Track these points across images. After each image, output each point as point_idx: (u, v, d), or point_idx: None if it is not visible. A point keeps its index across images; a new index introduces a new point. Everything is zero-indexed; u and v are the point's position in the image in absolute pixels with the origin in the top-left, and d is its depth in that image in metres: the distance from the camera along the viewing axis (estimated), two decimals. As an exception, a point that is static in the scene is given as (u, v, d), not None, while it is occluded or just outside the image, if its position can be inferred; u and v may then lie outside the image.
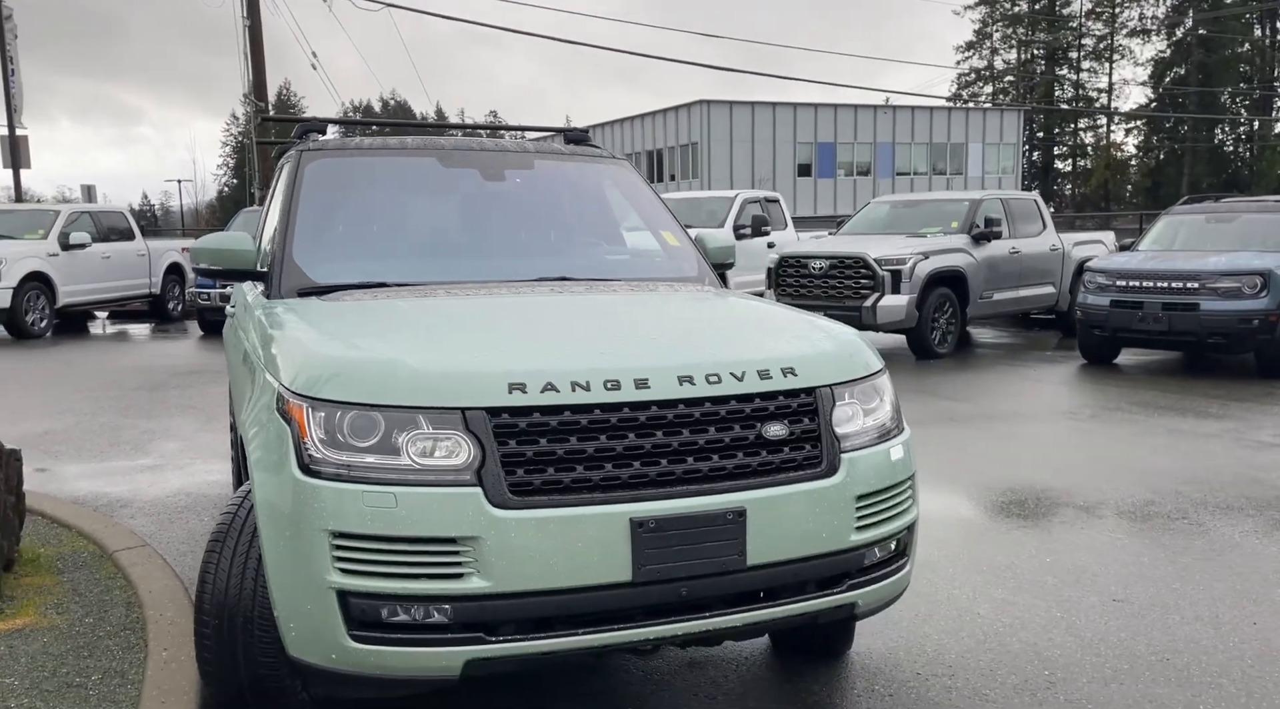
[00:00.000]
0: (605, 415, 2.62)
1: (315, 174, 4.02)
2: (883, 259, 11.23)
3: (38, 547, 4.45)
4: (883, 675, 3.47)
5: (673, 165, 49.40)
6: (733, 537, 2.64)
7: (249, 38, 20.21)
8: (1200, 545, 4.83)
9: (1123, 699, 3.28)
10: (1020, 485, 5.93)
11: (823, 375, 2.93)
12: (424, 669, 2.51)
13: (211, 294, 14.42)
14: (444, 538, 2.46)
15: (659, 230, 4.32)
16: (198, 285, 15.20)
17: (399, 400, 2.55)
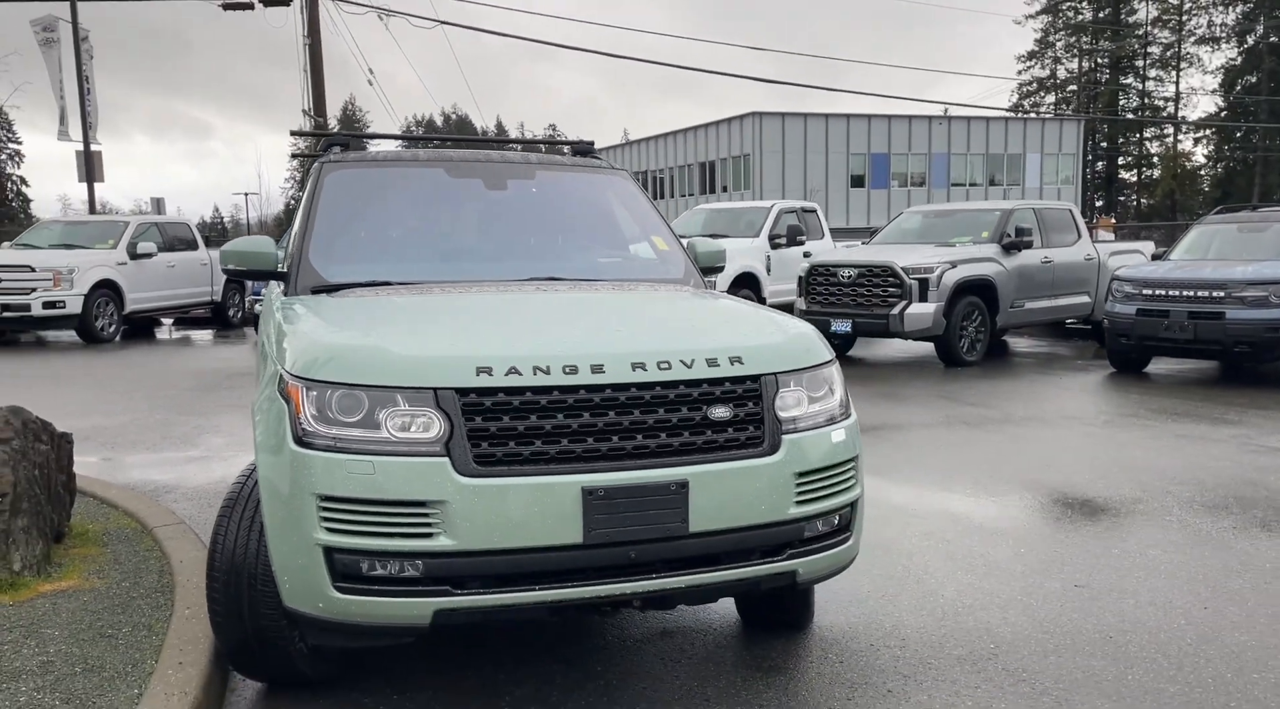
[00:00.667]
0: (563, 396, 2.94)
1: (333, 184, 4.42)
2: (910, 267, 11.42)
3: (87, 523, 4.90)
4: (838, 645, 3.74)
5: (724, 176, 49.68)
6: (676, 506, 2.95)
7: (309, 56, 20.96)
8: (1175, 539, 5.01)
9: (1056, 669, 3.51)
10: (1012, 483, 6.13)
11: (768, 364, 3.22)
12: (398, 617, 2.86)
13: None
14: (415, 501, 2.81)
15: (650, 236, 4.64)
16: (254, 293, 15.85)
17: (380, 381, 2.91)
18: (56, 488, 4.48)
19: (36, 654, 3.34)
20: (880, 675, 3.49)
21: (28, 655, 3.33)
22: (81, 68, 19.33)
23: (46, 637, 3.49)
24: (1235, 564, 4.63)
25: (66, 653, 3.35)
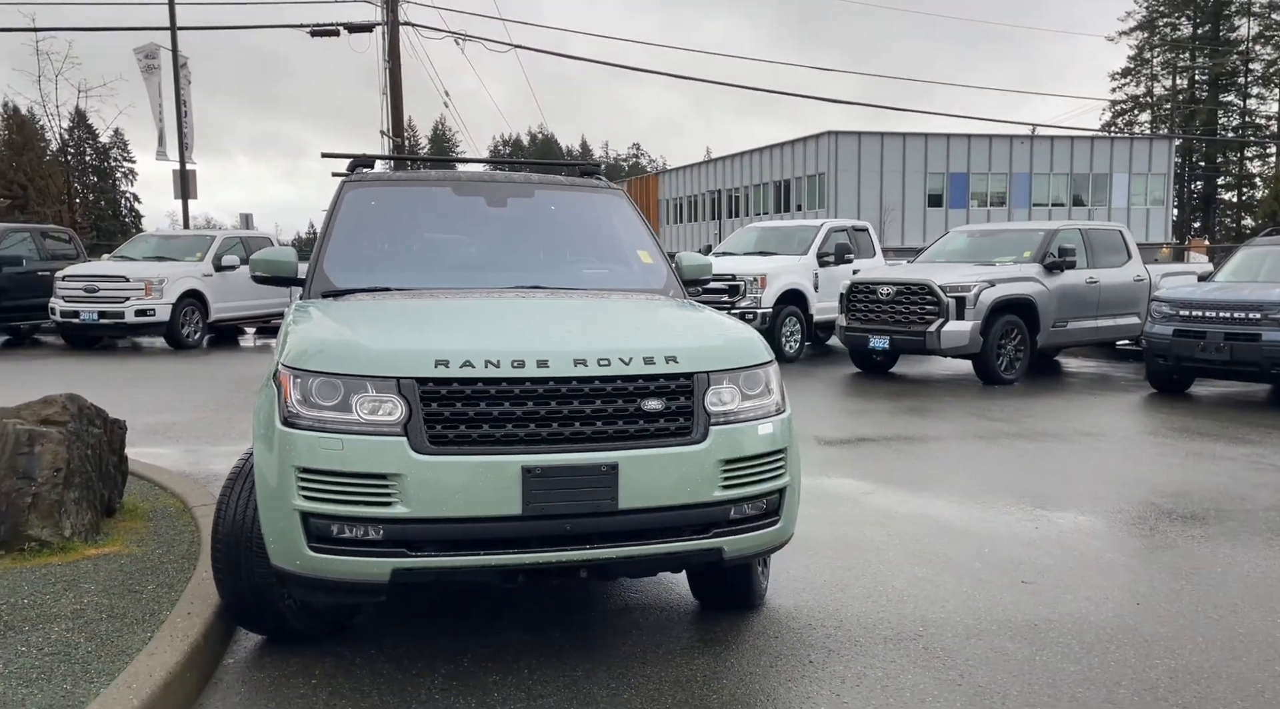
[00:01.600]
0: (510, 387, 3.39)
1: (351, 200, 4.95)
2: (948, 286, 11.61)
3: (138, 501, 5.50)
4: (779, 624, 4.10)
5: (799, 195, 49.77)
6: (606, 485, 3.36)
7: (389, 79, 21.93)
8: (1137, 545, 5.23)
9: (972, 650, 3.82)
10: (1000, 492, 6.37)
11: (701, 363, 3.62)
12: (362, 574, 3.32)
13: None
14: (376, 474, 3.27)
15: (637, 250, 5.07)
16: None
17: (354, 371, 3.38)
18: (108, 467, 5.08)
19: (72, 603, 3.89)
20: (807, 649, 3.84)
21: (64, 604, 3.88)
22: (180, 92, 20.60)
23: (83, 590, 4.05)
24: (1187, 569, 4.84)
25: (97, 603, 3.90)
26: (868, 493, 6.37)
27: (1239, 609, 4.28)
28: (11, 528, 4.49)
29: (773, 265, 14.17)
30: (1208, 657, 3.77)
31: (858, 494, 6.33)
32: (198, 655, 3.50)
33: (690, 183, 60.63)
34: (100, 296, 15.86)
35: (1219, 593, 4.49)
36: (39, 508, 4.53)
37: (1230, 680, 3.57)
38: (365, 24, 21.98)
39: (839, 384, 12.06)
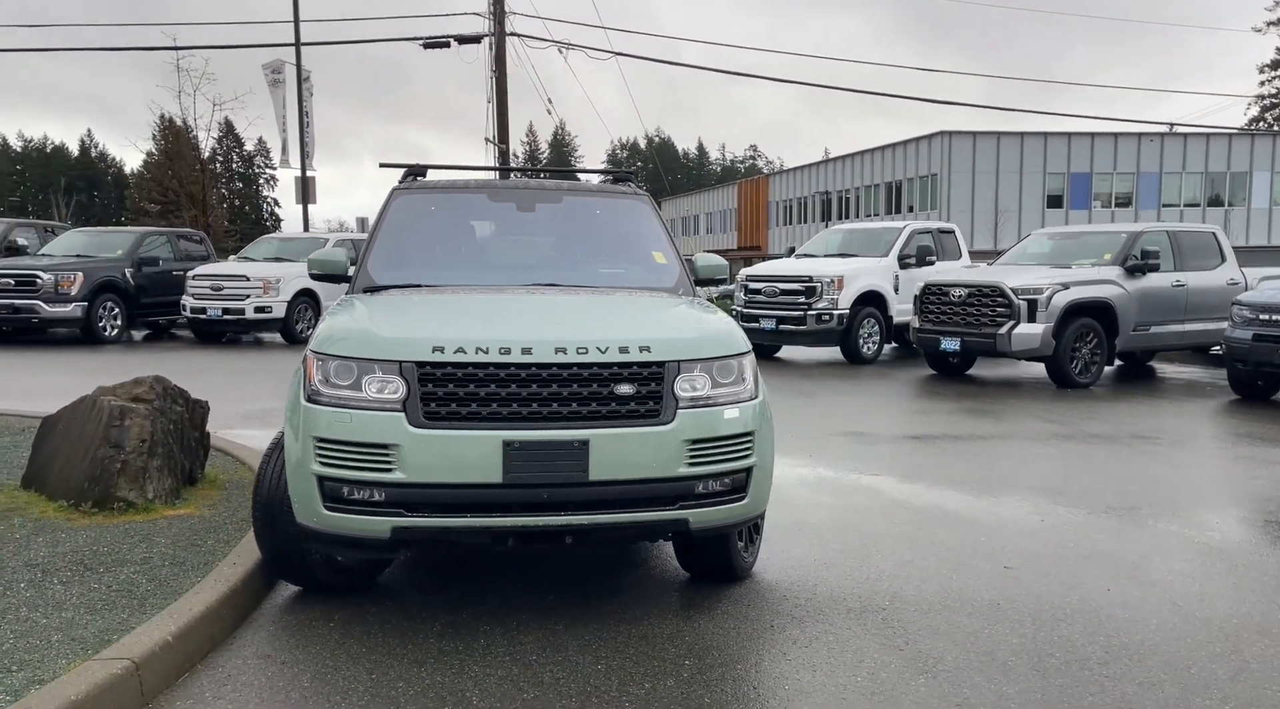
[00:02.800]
0: (496, 371, 3.86)
1: (398, 206, 5.53)
2: (1019, 288, 11.62)
3: (219, 473, 6.20)
4: (756, 595, 4.46)
5: (911, 197, 49.11)
6: (578, 459, 3.81)
7: (495, 88, 22.83)
8: (1135, 536, 5.39)
9: (927, 622, 4.12)
10: (1022, 488, 6.55)
11: (673, 353, 4.02)
12: (367, 531, 3.85)
13: None
14: (378, 444, 3.79)
15: (652, 251, 5.49)
16: None
17: (366, 355, 3.92)
18: (189, 441, 5.78)
19: (143, 553, 4.55)
20: (773, 616, 4.20)
21: (137, 553, 4.54)
22: (302, 104, 21.96)
23: (154, 542, 4.71)
24: (1178, 562, 4.99)
25: (163, 553, 4.55)
26: (891, 486, 6.63)
27: (1213, 597, 4.44)
28: (104, 489, 5.21)
29: (850, 267, 14.34)
30: (1152, 636, 3.98)
31: (882, 486, 6.60)
32: (236, 597, 4.09)
33: (801, 184, 60.41)
34: (225, 295, 17.11)
35: (1208, 585, 4.65)
36: (126, 473, 5.24)
37: (1162, 656, 3.79)
38: (474, 35, 22.94)
39: (909, 385, 12.20)
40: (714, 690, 3.48)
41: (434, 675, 3.58)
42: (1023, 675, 3.62)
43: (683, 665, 3.69)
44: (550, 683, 3.53)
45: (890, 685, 3.54)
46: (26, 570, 4.27)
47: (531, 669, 3.64)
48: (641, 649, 3.84)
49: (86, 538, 4.76)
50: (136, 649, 3.39)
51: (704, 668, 3.67)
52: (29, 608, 3.84)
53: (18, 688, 3.12)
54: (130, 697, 3.25)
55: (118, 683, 3.21)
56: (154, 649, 3.43)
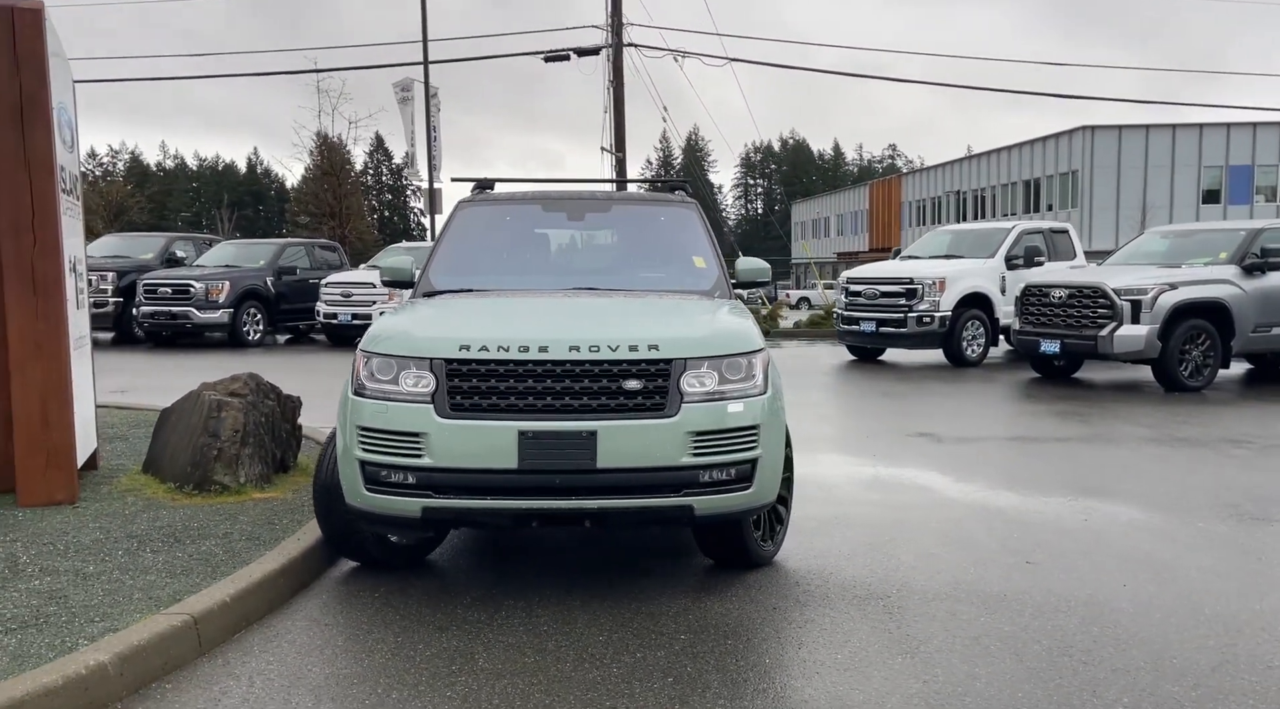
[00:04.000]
0: (515, 367, 4.25)
1: (461, 217, 6.01)
2: (1122, 289, 11.34)
3: (309, 462, 6.81)
4: (770, 580, 4.71)
5: (1049, 195, 47.44)
6: (586, 448, 4.16)
7: (612, 98, 23.42)
8: (1179, 535, 5.36)
9: (925, 609, 4.29)
10: (1071, 488, 6.54)
11: (681, 351, 4.33)
12: (401, 510, 4.29)
13: None
14: (411, 432, 4.23)
15: (692, 256, 5.80)
16: None
17: (403, 353, 4.37)
18: (281, 433, 6.40)
19: (225, 529, 5.14)
20: (779, 600, 4.45)
21: (220, 529, 5.13)
22: (429, 119, 23.10)
23: (237, 521, 5.29)
24: (1210, 560, 4.97)
25: (242, 530, 5.12)
26: (945, 485, 6.73)
27: (1232, 596, 4.45)
28: (202, 473, 5.86)
29: (953, 269, 14.21)
30: (1148, 629, 4.05)
31: (935, 485, 6.71)
32: (294, 568, 4.60)
33: (934, 184, 59.11)
34: (354, 301, 18.20)
35: (1231, 584, 4.65)
36: (222, 459, 5.88)
37: (1150, 648, 3.87)
38: (593, 48, 23.60)
39: (1007, 387, 12.06)
40: (698, 661, 3.77)
41: (452, 640, 3.99)
42: (1000, 659, 3.77)
43: (677, 639, 3.99)
44: (552, 650, 3.89)
45: (866, 663, 3.75)
46: (127, 541, 4.91)
47: (539, 638, 4.01)
48: (644, 624, 4.15)
49: (182, 515, 5.39)
50: (197, 607, 3.92)
51: (695, 642, 3.96)
52: (121, 571, 4.44)
53: (95, 635, 3.68)
54: (189, 646, 3.78)
55: (177, 633, 3.73)
56: (212, 608, 3.95)
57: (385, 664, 3.77)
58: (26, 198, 5.46)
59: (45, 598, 4.08)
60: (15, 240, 5.47)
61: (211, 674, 3.66)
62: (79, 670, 3.32)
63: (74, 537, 4.96)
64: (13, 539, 4.91)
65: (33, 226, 5.48)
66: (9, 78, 5.39)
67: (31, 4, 5.49)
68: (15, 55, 5.40)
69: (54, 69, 5.74)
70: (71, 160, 6.25)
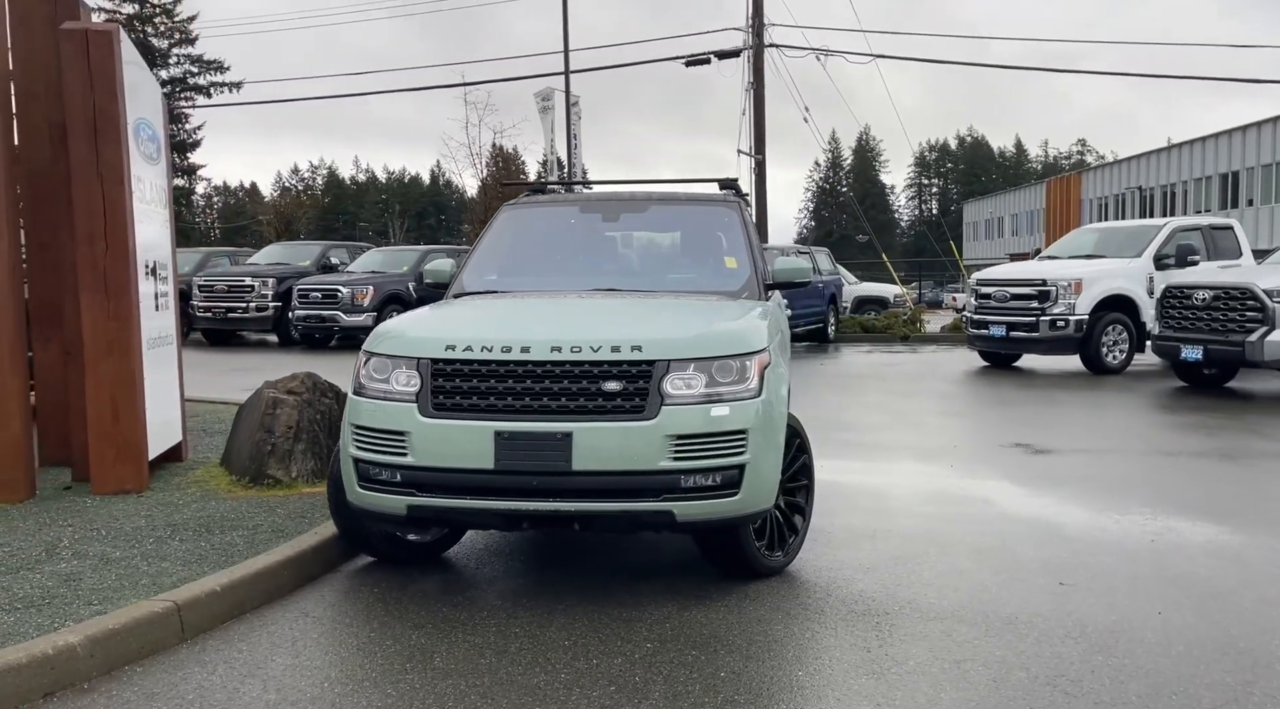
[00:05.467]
0: (497, 368, 4.25)
1: (503, 220, 6.07)
2: (1274, 290, 10.34)
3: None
4: (769, 590, 4.51)
5: (1250, 188, 43.72)
6: (561, 450, 4.11)
7: (753, 101, 23.20)
8: (1256, 559, 4.82)
9: (920, 629, 4.02)
10: (1161, 507, 6.00)
11: (666, 353, 4.22)
12: (389, 507, 4.36)
13: None
14: (396, 431, 4.30)
15: (724, 256, 5.65)
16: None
17: (396, 353, 4.45)
18: (337, 430, 6.62)
19: (257, 521, 5.35)
20: (770, 612, 4.26)
21: (254, 521, 5.35)
22: (570, 127, 23.54)
23: (275, 513, 5.50)
24: (1275, 593, 4.45)
25: (273, 522, 5.32)
26: (1012, 499, 6.30)
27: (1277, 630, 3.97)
28: (257, 467, 6.14)
29: (1091, 269, 13.32)
30: (1160, 661, 3.66)
31: (1000, 499, 6.29)
32: (300, 561, 4.74)
33: (1118, 179, 55.61)
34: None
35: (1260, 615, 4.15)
36: (275, 454, 6.14)
37: (1151, 680, 3.49)
38: (733, 50, 23.45)
39: (1143, 397, 11.20)
40: (651, 670, 3.65)
41: (421, 638, 4.01)
42: (974, 685, 3.49)
43: (642, 648, 3.88)
44: (512, 652, 3.85)
45: (827, 683, 3.54)
46: (165, 529, 5.18)
47: (506, 639, 3.98)
48: (615, 630, 4.06)
49: (229, 507, 5.65)
50: (184, 594, 4.09)
51: (659, 651, 3.84)
52: (142, 557, 4.70)
53: (84, 617, 3.90)
54: (171, 631, 3.95)
55: (158, 619, 3.90)
56: (200, 596, 4.12)
57: (345, 658, 3.83)
58: (99, 206, 5.86)
59: (61, 580, 4.36)
60: (90, 246, 5.88)
61: (184, 660, 3.81)
62: (45, 651, 3.51)
63: (121, 523, 5.28)
64: (66, 523, 5.28)
65: (105, 234, 5.88)
66: (83, 95, 5.81)
67: (104, 27, 5.90)
68: (89, 74, 5.81)
69: (133, 87, 6.16)
70: (157, 172, 6.68)
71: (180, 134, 56.83)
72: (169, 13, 55.56)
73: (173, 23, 55.54)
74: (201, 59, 56.42)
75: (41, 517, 5.42)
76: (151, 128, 6.58)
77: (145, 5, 54.98)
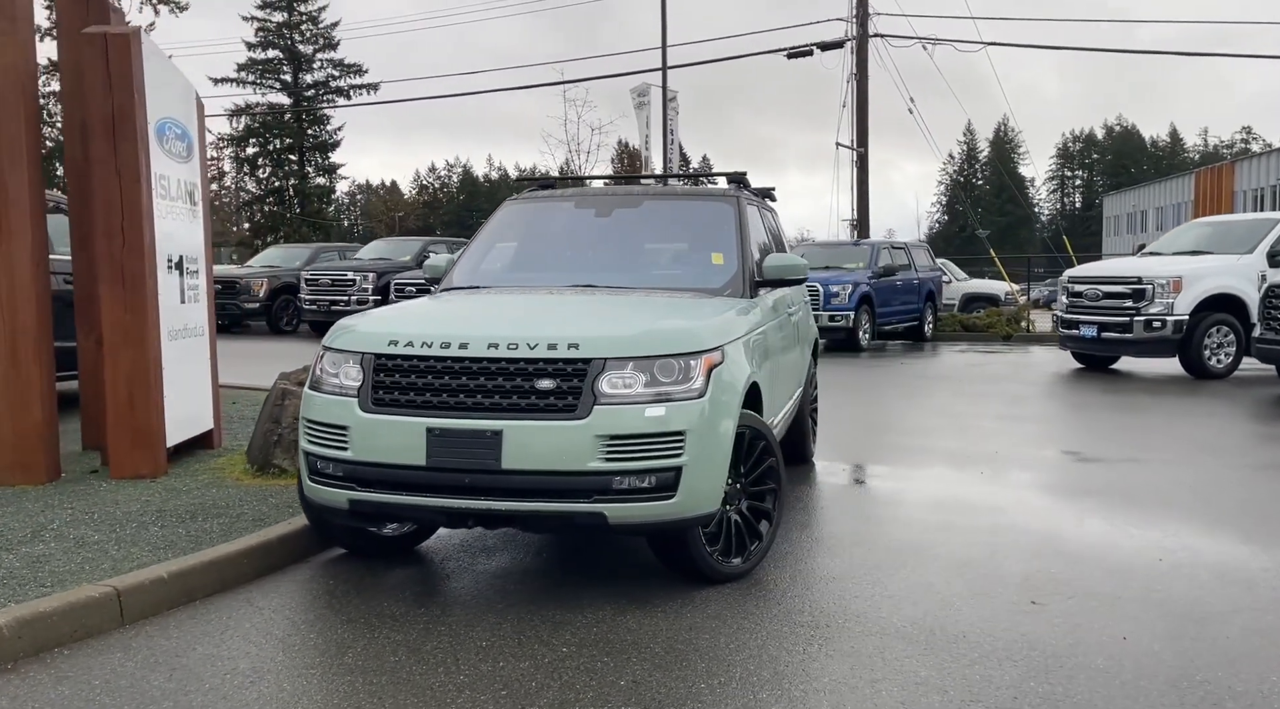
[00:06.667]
0: (435, 364, 4.22)
1: (501, 215, 6.05)
2: (1385, 288, 9.45)
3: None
4: (720, 596, 4.33)
5: None
6: (491, 448, 4.05)
7: (855, 92, 22.64)
8: (1269, 590, 4.38)
9: (853, 646, 3.80)
10: (1184, 523, 5.54)
11: (604, 351, 4.11)
12: (332, 501, 4.38)
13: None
14: (338, 425, 4.32)
15: (712, 252, 5.47)
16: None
17: (346, 348, 4.47)
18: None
19: (244, 509, 5.46)
20: (705, 619, 4.09)
21: (242, 509, 5.46)
22: (666, 123, 23.44)
23: (266, 502, 5.60)
24: (1272, 621, 4.03)
25: (257, 511, 5.42)
26: (1027, 510, 5.93)
27: (1255, 660, 3.59)
28: (265, 457, 6.29)
29: (1193, 267, 12.44)
30: (1093, 691, 3.35)
31: (1015, 507, 5.93)
32: (264, 551, 4.80)
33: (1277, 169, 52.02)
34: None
35: (1267, 648, 3.75)
36: (281, 444, 6.28)
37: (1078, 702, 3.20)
38: (836, 41, 22.92)
39: (1242, 406, 10.41)
40: (553, 675, 3.54)
41: (346, 633, 4.00)
42: (878, 706, 3.26)
43: (556, 652, 3.77)
44: (428, 651, 3.80)
45: (725, 697, 3.36)
46: (153, 515, 5.35)
47: (427, 637, 3.93)
48: (538, 633, 3.96)
49: (227, 495, 5.80)
50: (129, 580, 4.19)
51: (572, 656, 3.72)
52: (116, 542, 4.85)
53: (26, 598, 4.04)
54: (108, 616, 4.04)
55: (95, 604, 4.00)
56: (144, 582, 4.21)
57: (262, 650, 3.84)
58: (117, 202, 6.10)
59: (29, 562, 4.54)
60: (108, 241, 6.13)
61: (112, 645, 3.89)
62: (-32, 630, 3.66)
63: (115, 508, 5.48)
64: (67, 507, 5.51)
65: (122, 229, 6.12)
66: (102, 96, 6.05)
67: (123, 30, 6.14)
68: (108, 75, 6.05)
69: (157, 88, 6.39)
70: (187, 170, 6.92)
71: (322, 135, 59.26)
72: (314, 20, 57.88)
73: (317, 29, 57.82)
74: (342, 63, 58.57)
75: (50, 499, 5.68)
76: (181, 127, 6.81)
77: (294, 13, 57.42)
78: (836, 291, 16.63)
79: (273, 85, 58.59)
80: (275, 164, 59.04)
